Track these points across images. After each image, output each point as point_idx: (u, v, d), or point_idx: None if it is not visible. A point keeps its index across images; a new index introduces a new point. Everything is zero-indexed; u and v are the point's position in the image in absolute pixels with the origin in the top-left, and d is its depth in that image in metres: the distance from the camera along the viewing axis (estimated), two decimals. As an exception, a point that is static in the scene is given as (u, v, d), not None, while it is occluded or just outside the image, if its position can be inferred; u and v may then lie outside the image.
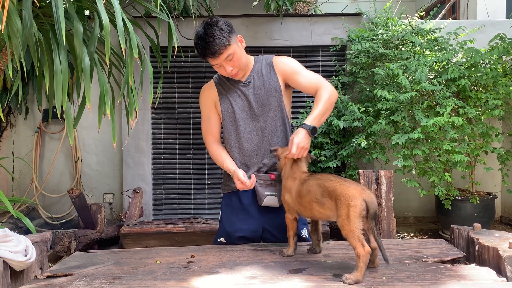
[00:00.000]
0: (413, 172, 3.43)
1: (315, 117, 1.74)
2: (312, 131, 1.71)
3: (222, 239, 1.97)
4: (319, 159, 3.77)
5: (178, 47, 3.35)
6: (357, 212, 1.39)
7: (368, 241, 1.46)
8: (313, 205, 1.55)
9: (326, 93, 1.79)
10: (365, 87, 3.86)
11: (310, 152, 1.84)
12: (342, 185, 1.47)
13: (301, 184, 1.62)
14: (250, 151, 1.89)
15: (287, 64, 1.92)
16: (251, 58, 1.96)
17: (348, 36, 4.13)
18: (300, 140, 1.67)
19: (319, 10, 4.59)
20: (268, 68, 1.92)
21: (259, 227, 1.92)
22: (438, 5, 5.76)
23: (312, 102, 4.11)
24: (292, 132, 1.90)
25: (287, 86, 1.94)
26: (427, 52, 3.74)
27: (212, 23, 1.76)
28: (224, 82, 1.95)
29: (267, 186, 1.86)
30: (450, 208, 3.57)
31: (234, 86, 1.92)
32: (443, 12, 4.80)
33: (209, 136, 1.97)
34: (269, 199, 1.85)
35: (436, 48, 3.79)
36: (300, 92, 4.27)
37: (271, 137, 1.89)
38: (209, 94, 1.96)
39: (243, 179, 1.77)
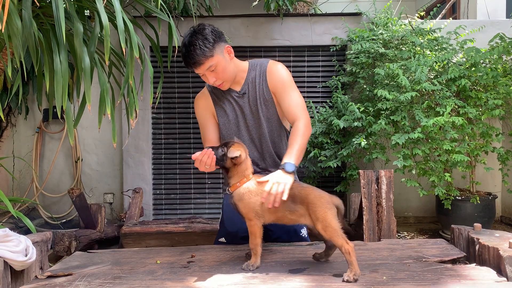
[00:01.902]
0: (413, 172, 3.43)
1: (294, 154, 1.61)
2: (286, 167, 1.56)
3: (222, 239, 1.96)
4: (319, 158, 3.77)
5: (178, 47, 3.35)
6: (333, 212, 1.48)
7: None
8: (285, 213, 1.55)
9: (302, 126, 1.70)
10: (365, 87, 3.86)
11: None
12: (313, 191, 1.53)
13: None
14: (252, 162, 1.83)
15: (278, 76, 1.80)
16: (245, 65, 1.86)
17: (348, 36, 4.13)
18: (276, 190, 1.48)
19: (319, 10, 4.59)
20: (261, 77, 1.83)
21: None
22: (438, 5, 5.75)
23: (312, 102, 4.13)
24: (286, 138, 1.90)
25: None
26: (427, 52, 3.74)
27: (197, 31, 1.68)
28: (218, 91, 1.88)
29: None
30: (450, 208, 3.57)
31: (229, 96, 1.86)
32: (443, 12, 4.80)
33: (209, 144, 1.89)
34: None
35: (436, 48, 3.78)
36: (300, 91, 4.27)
37: (269, 148, 1.86)
38: (205, 104, 1.90)
39: (196, 154, 1.56)
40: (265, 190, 1.51)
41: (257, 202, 1.57)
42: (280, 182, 1.51)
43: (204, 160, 1.56)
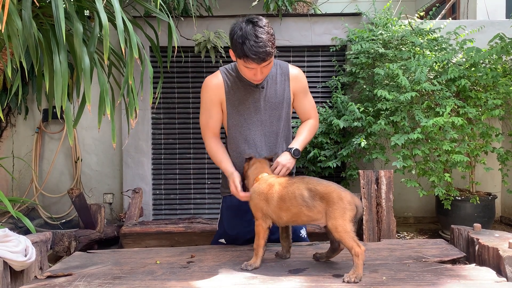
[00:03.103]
0: (413, 172, 3.43)
1: (301, 142, 1.85)
2: (295, 152, 1.80)
3: (222, 240, 1.96)
4: (319, 158, 3.77)
5: (178, 47, 3.35)
6: (352, 215, 1.46)
7: (337, 243, 1.58)
8: (301, 209, 1.52)
9: (314, 124, 1.95)
10: (365, 87, 3.86)
11: (291, 174, 1.89)
12: (337, 189, 1.52)
13: (284, 188, 1.57)
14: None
15: (302, 83, 1.93)
16: None
17: (348, 36, 4.13)
18: (286, 161, 1.76)
19: (319, 10, 4.58)
20: (283, 77, 1.87)
21: None
22: (438, 4, 5.76)
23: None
24: (292, 139, 1.94)
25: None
26: (427, 52, 3.74)
27: (262, 25, 1.67)
28: (234, 80, 1.84)
29: None
30: (450, 208, 3.57)
31: (245, 87, 1.83)
32: (443, 12, 4.80)
33: (208, 131, 1.88)
34: None
35: (436, 48, 3.78)
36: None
37: (274, 144, 1.88)
38: (215, 91, 1.84)
39: (238, 186, 1.72)
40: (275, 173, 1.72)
41: (264, 204, 1.57)
42: (286, 165, 1.75)
43: (241, 198, 1.75)
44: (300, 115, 1.98)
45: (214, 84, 1.85)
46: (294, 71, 1.91)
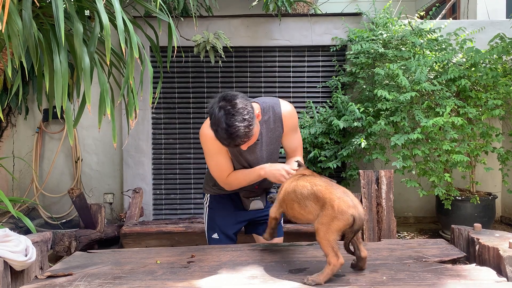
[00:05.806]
0: (413, 172, 3.43)
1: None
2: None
3: (215, 235, 2.00)
4: (319, 159, 3.77)
5: (178, 47, 3.35)
6: (340, 226, 1.37)
7: (359, 251, 1.47)
8: (294, 205, 1.52)
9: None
10: (365, 87, 3.86)
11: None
12: (333, 195, 1.41)
13: (290, 182, 1.59)
14: (248, 189, 1.96)
15: (293, 120, 1.89)
16: (256, 110, 1.74)
17: (348, 36, 4.13)
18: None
19: (319, 10, 4.58)
20: (277, 123, 1.85)
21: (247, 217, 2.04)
22: (437, 4, 5.76)
23: (312, 102, 4.13)
24: None
25: None
26: (427, 52, 3.74)
27: (234, 113, 1.55)
28: None
29: (251, 194, 1.98)
30: (450, 208, 3.57)
31: None
32: (443, 12, 4.80)
33: (224, 173, 1.88)
34: (254, 204, 1.99)
35: (436, 48, 3.78)
36: (299, 92, 4.27)
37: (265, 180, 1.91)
38: (216, 142, 1.73)
39: (289, 170, 1.72)
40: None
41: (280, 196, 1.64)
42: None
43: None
44: (286, 150, 1.96)
45: (214, 139, 1.72)
46: (286, 109, 1.86)
